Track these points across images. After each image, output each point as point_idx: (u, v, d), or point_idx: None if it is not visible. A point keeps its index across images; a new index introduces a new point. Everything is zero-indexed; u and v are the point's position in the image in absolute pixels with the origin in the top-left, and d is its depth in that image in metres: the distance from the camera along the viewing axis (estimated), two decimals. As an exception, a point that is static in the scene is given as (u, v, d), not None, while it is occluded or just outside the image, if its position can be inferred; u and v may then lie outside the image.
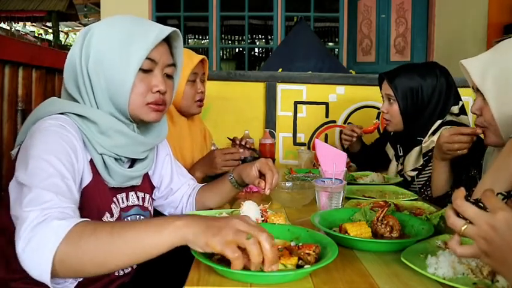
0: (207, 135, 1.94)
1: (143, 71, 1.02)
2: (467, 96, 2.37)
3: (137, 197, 1.15)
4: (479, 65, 1.10)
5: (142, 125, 1.12)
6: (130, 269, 1.14)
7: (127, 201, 1.12)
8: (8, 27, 8.90)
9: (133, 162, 1.13)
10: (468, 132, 1.31)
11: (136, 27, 1.02)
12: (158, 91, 1.04)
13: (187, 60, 1.67)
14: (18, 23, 9.10)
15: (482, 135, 1.24)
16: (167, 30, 1.04)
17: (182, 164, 1.44)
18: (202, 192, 1.36)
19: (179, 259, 1.02)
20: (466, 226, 0.69)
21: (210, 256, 0.83)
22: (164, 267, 1.32)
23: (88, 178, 0.99)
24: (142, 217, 1.14)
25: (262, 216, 1.12)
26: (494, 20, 4.64)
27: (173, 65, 1.10)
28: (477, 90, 1.13)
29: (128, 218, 1.11)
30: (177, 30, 1.07)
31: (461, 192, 0.72)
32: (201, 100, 1.75)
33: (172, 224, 0.74)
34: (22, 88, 1.64)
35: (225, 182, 1.34)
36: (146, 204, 1.18)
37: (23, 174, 0.86)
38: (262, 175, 1.27)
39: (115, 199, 1.08)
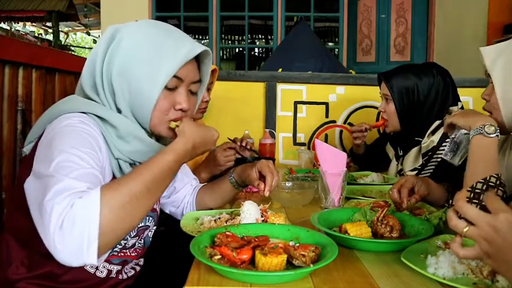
0: None
1: (169, 89, 1.00)
2: (466, 96, 2.37)
3: None
4: (493, 50, 1.16)
5: None
6: (133, 271, 1.13)
7: None
8: (8, 27, 8.89)
9: None
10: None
11: (168, 41, 1.00)
12: (180, 109, 1.02)
13: None
14: (18, 23, 9.09)
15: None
16: (199, 48, 1.01)
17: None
18: (202, 192, 1.36)
19: (180, 259, 1.02)
20: (467, 228, 0.69)
21: (210, 256, 0.83)
22: (168, 269, 1.32)
23: (108, 178, 0.98)
24: (150, 218, 1.13)
25: (262, 216, 1.12)
26: (494, 20, 4.64)
27: (199, 81, 1.08)
28: (488, 76, 1.17)
29: None
30: (208, 49, 1.05)
31: (463, 193, 0.73)
32: (205, 108, 1.76)
33: (175, 152, 0.92)
34: (22, 88, 1.64)
35: (225, 182, 1.34)
36: (154, 206, 1.16)
37: (47, 168, 0.81)
38: (262, 176, 1.27)
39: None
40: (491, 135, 1.10)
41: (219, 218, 1.14)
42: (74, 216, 0.71)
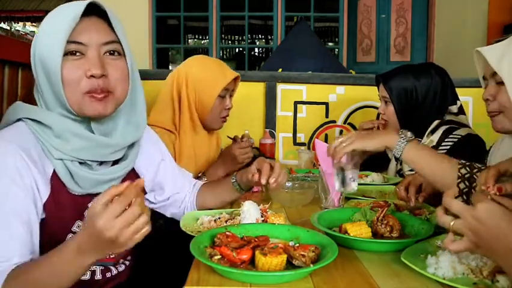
0: (219, 141, 1.94)
1: (72, 54, 0.92)
2: (466, 96, 2.37)
3: None
4: (496, 50, 1.12)
5: (106, 121, 1.00)
6: (123, 266, 1.10)
7: None
8: (8, 27, 8.89)
9: (115, 163, 1.04)
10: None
11: (59, 13, 0.95)
12: (92, 76, 0.92)
13: (221, 75, 1.66)
14: (18, 23, 9.09)
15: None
16: (81, 5, 0.92)
17: (195, 172, 1.44)
18: (203, 191, 1.34)
19: (179, 259, 1.02)
20: (453, 222, 0.74)
21: (210, 256, 0.83)
22: (161, 266, 1.32)
23: (45, 194, 0.92)
24: None
25: (262, 216, 1.12)
26: (494, 20, 4.64)
27: (116, 41, 0.96)
28: (491, 76, 1.15)
29: None
30: (95, 2, 0.94)
31: (451, 191, 0.77)
32: (226, 116, 1.75)
33: (76, 260, 0.78)
34: (22, 88, 1.64)
35: (227, 183, 1.33)
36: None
37: None
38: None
39: (91, 203, 0.99)
40: (412, 137, 1.12)
41: (219, 218, 1.13)
42: None
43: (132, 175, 1.09)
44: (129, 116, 1.05)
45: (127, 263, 1.13)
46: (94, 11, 0.95)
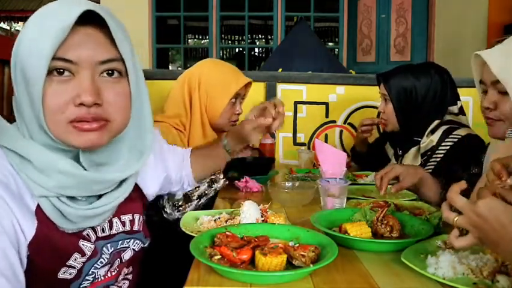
0: None
1: (59, 73, 0.75)
2: (466, 96, 2.37)
3: (122, 223, 0.95)
4: (497, 56, 1.06)
5: (101, 150, 0.84)
6: (127, 283, 1.03)
7: (111, 229, 0.93)
8: (8, 27, 8.90)
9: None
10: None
11: (46, 17, 0.76)
12: (82, 104, 0.74)
13: (234, 80, 1.67)
14: (18, 23, 9.10)
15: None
16: (74, 11, 0.72)
17: None
18: (196, 161, 1.31)
19: (180, 259, 1.02)
20: (457, 218, 0.74)
21: (209, 256, 0.83)
22: (168, 269, 1.31)
23: (30, 231, 0.78)
24: (126, 241, 0.97)
25: (262, 216, 1.12)
26: (494, 20, 4.64)
27: (116, 59, 0.79)
28: (492, 84, 1.11)
29: (108, 246, 0.92)
30: (102, 8, 0.76)
31: (457, 186, 0.77)
32: (236, 120, 1.75)
33: None
34: (22, 88, 1.64)
35: (218, 151, 1.38)
36: (135, 227, 0.98)
37: None
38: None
39: (86, 232, 0.87)
40: None
41: (219, 218, 1.13)
42: None
43: (135, 191, 0.99)
44: (134, 140, 0.90)
45: (130, 277, 1.05)
46: (90, 19, 0.76)
